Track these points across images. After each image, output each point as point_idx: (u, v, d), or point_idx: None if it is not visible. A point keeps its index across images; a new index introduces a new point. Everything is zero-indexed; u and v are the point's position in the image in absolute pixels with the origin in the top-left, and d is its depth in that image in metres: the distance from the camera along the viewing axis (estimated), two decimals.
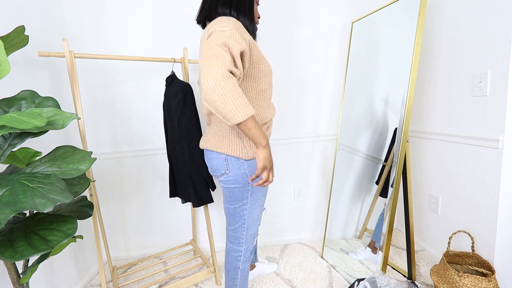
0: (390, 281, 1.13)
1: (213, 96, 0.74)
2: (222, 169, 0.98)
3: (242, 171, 0.96)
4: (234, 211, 1.03)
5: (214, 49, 0.78)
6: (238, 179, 0.97)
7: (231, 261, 1.09)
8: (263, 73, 0.97)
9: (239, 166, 0.96)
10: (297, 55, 1.70)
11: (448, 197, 1.47)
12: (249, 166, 0.97)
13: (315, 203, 1.88)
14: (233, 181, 0.98)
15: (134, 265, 1.73)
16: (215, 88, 0.74)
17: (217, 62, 0.75)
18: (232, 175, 0.97)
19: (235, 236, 1.07)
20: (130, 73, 1.61)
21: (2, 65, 0.67)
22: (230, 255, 1.09)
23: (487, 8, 1.18)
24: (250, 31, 0.99)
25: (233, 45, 0.79)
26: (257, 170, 0.88)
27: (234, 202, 1.01)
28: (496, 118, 1.17)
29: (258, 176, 0.90)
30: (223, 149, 0.96)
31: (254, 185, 0.91)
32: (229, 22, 0.86)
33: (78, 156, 0.84)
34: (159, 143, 1.70)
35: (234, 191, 0.99)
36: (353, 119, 1.58)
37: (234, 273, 1.10)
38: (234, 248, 1.08)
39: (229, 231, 1.08)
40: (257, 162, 0.87)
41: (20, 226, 0.76)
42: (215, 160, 0.99)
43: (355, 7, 1.69)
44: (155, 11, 1.57)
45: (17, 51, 1.17)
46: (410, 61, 1.22)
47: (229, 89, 0.74)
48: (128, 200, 1.74)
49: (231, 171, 0.97)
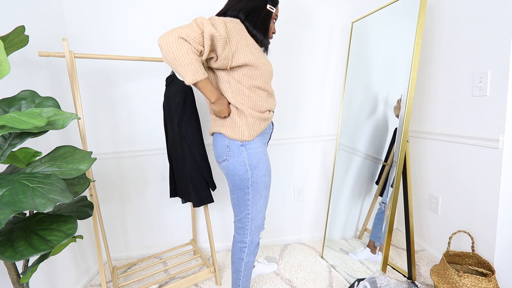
0: (390, 281, 1.13)
1: (166, 57, 0.87)
2: (224, 155, 1.05)
3: (241, 159, 1.03)
4: (238, 201, 1.08)
5: (190, 23, 0.90)
6: (237, 166, 1.03)
7: (236, 252, 1.14)
8: (260, 71, 1.02)
9: (239, 154, 1.03)
10: (297, 55, 1.70)
11: (448, 197, 1.47)
12: (248, 155, 1.03)
13: (315, 203, 1.88)
14: (232, 168, 1.04)
15: (134, 265, 1.73)
16: (168, 50, 0.85)
17: (182, 30, 0.86)
18: (232, 162, 1.04)
19: (240, 226, 1.12)
20: (130, 73, 1.61)
21: (2, 65, 0.67)
22: (236, 246, 1.14)
23: (487, 8, 1.18)
24: (260, 43, 1.07)
25: (207, 26, 0.88)
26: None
27: (237, 191, 1.07)
28: (496, 118, 1.17)
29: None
30: (225, 130, 1.04)
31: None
32: (220, 20, 0.93)
33: (78, 156, 0.84)
34: (159, 143, 1.70)
35: (234, 179, 1.05)
36: (353, 119, 1.58)
37: (238, 265, 1.15)
38: (240, 239, 1.13)
39: (235, 222, 1.13)
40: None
41: (20, 226, 0.76)
42: (219, 146, 1.07)
43: (355, 7, 1.69)
44: (156, 11, 1.57)
45: (17, 51, 1.17)
46: (410, 61, 1.22)
47: (180, 54, 0.86)
48: (128, 200, 1.74)
49: (231, 157, 1.04)
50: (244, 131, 1.02)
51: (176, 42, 0.85)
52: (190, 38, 0.86)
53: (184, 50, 0.86)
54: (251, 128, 1.03)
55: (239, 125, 1.02)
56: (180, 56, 0.86)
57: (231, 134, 1.02)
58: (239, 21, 0.99)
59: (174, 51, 0.85)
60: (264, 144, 1.10)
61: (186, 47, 0.86)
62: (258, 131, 1.04)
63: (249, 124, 1.02)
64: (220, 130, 1.05)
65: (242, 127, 1.02)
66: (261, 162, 1.04)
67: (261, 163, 1.05)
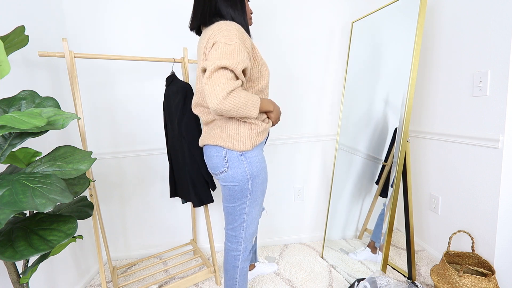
0: (390, 281, 1.13)
1: (229, 114, 0.85)
2: (222, 166, 0.99)
3: (242, 169, 0.97)
4: (233, 210, 1.03)
5: (216, 72, 0.82)
6: (238, 177, 0.97)
7: (230, 260, 1.09)
8: (261, 74, 0.99)
9: (239, 164, 0.97)
10: (297, 55, 1.70)
11: (448, 197, 1.47)
12: (248, 164, 0.97)
13: (315, 203, 1.88)
14: (232, 179, 0.98)
15: (134, 265, 1.73)
16: (228, 111, 0.83)
17: (219, 87, 0.81)
18: (231, 173, 0.97)
19: (234, 235, 1.07)
20: (130, 73, 1.61)
21: (2, 65, 0.67)
22: (229, 255, 1.10)
23: (487, 8, 1.18)
24: (246, 30, 1.01)
25: (236, 65, 0.83)
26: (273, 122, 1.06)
27: (234, 201, 1.02)
28: (496, 118, 1.17)
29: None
30: (223, 142, 0.97)
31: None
32: (233, 32, 0.88)
33: (78, 156, 0.84)
34: (159, 143, 1.70)
35: (233, 190, 1.00)
36: (353, 119, 1.58)
37: (233, 272, 1.10)
38: (233, 247, 1.08)
39: (228, 230, 1.08)
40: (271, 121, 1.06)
41: (20, 226, 0.76)
42: (214, 157, 1.00)
43: (355, 7, 1.69)
44: (155, 11, 1.57)
45: (17, 51, 1.17)
46: (410, 61, 1.22)
47: (236, 104, 0.83)
48: (128, 200, 1.74)
49: (230, 169, 0.97)
50: (247, 141, 0.97)
51: (224, 99, 0.81)
52: (235, 85, 0.83)
53: (234, 99, 0.83)
54: (254, 138, 0.98)
55: (241, 135, 0.97)
56: (235, 106, 0.84)
57: (231, 145, 0.96)
58: (235, 24, 0.92)
59: (229, 108, 0.83)
60: (261, 149, 1.06)
61: (233, 96, 0.82)
62: (260, 140, 1.00)
63: (252, 135, 0.97)
64: (216, 142, 0.99)
65: (244, 137, 0.97)
66: (261, 170, 1.00)
67: (261, 171, 1.00)
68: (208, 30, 0.94)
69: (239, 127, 0.97)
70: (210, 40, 0.89)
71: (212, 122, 1.04)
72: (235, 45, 0.85)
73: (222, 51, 0.83)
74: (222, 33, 0.87)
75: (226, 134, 0.98)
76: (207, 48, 0.90)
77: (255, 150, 0.99)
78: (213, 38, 0.88)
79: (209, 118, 1.03)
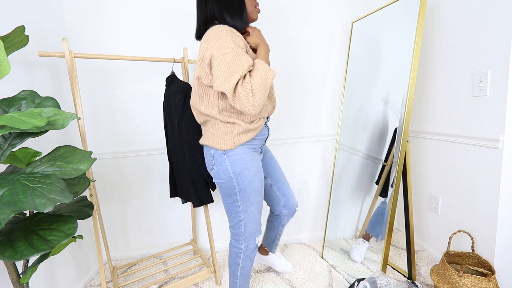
0: (390, 281, 1.13)
1: (258, 105, 0.89)
2: (210, 164, 1.07)
3: (224, 167, 1.02)
4: (228, 207, 1.09)
5: (235, 91, 0.88)
6: (222, 175, 1.03)
7: (233, 256, 1.14)
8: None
9: (222, 162, 1.03)
10: (297, 55, 1.70)
11: (448, 197, 1.47)
12: (231, 163, 1.02)
13: (315, 203, 1.88)
14: (218, 177, 1.05)
15: (134, 265, 1.73)
16: (263, 101, 0.90)
17: (245, 99, 0.87)
18: (217, 171, 1.04)
19: (235, 233, 1.11)
20: (130, 73, 1.61)
21: (2, 65, 0.67)
22: (232, 251, 1.14)
23: (487, 8, 1.18)
24: (239, 30, 1.05)
25: (243, 70, 0.88)
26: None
27: (226, 198, 1.07)
28: (496, 118, 1.17)
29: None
30: (210, 142, 1.04)
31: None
32: (226, 38, 0.90)
33: (78, 156, 0.84)
34: (159, 143, 1.70)
35: (221, 187, 1.06)
36: (353, 119, 1.58)
37: (235, 269, 1.14)
38: (235, 244, 1.12)
39: (230, 227, 1.13)
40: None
41: (20, 226, 0.76)
42: (206, 156, 1.09)
43: (355, 7, 1.69)
44: (155, 11, 1.57)
45: (17, 51, 1.17)
46: (410, 61, 1.22)
47: (261, 91, 0.89)
48: (128, 200, 1.74)
49: (216, 167, 1.04)
50: (228, 140, 1.01)
51: (255, 97, 0.88)
52: (246, 82, 0.88)
53: (259, 88, 0.89)
54: (237, 137, 1.01)
55: (223, 135, 1.01)
56: (264, 88, 0.90)
57: (214, 144, 1.02)
58: (226, 27, 0.93)
59: (264, 92, 0.90)
60: (252, 150, 1.07)
61: (244, 88, 0.87)
62: (243, 141, 1.02)
63: (234, 134, 1.01)
64: (205, 141, 1.06)
65: (226, 137, 1.01)
66: (246, 169, 1.02)
67: (246, 170, 1.02)
68: (204, 38, 0.97)
69: (222, 127, 1.02)
70: (208, 52, 0.92)
71: (204, 123, 1.11)
72: (233, 51, 0.89)
73: (225, 64, 0.88)
74: (215, 43, 0.91)
75: (212, 134, 1.04)
76: (205, 59, 0.94)
77: (239, 149, 1.02)
78: (210, 49, 0.92)
79: (201, 120, 1.09)
